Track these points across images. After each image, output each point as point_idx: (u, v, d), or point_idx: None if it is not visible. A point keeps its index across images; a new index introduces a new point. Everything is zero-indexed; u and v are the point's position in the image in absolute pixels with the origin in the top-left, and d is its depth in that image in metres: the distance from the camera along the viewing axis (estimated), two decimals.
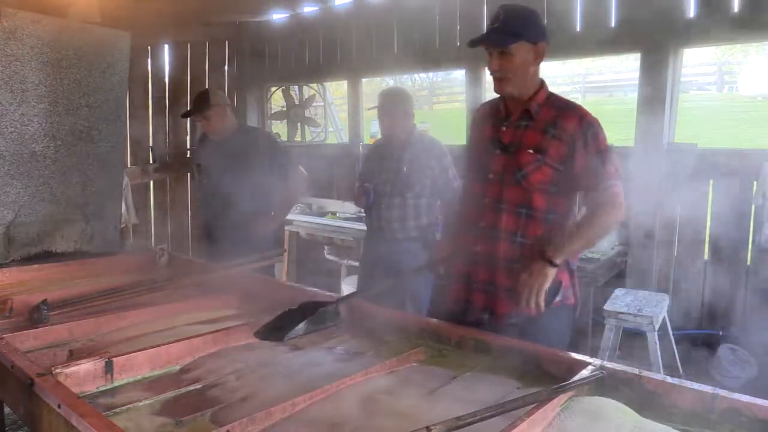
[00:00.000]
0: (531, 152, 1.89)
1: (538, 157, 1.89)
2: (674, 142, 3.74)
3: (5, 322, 2.11)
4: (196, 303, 2.35)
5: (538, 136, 1.91)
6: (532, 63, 1.91)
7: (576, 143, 1.86)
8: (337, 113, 8.28)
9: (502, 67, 1.89)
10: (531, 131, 1.92)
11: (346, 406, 1.46)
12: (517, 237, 1.94)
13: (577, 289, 2.02)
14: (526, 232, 1.93)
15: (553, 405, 1.36)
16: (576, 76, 17.56)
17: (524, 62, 1.89)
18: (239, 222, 3.18)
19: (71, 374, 1.57)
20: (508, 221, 1.93)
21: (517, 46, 1.86)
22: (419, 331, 1.96)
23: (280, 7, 5.57)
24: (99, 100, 3.31)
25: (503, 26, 1.86)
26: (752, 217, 3.48)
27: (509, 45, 1.86)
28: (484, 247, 1.99)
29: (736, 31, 3.44)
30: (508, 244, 1.94)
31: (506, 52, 1.87)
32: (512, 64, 1.88)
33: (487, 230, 1.97)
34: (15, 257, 3.09)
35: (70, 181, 3.26)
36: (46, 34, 3.01)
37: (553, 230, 1.93)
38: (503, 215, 1.94)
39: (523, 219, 1.93)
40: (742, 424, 1.33)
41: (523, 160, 1.90)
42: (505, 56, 1.87)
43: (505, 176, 1.93)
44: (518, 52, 1.87)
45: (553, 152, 1.88)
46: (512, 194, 1.93)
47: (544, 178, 1.89)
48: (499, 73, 1.90)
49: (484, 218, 1.99)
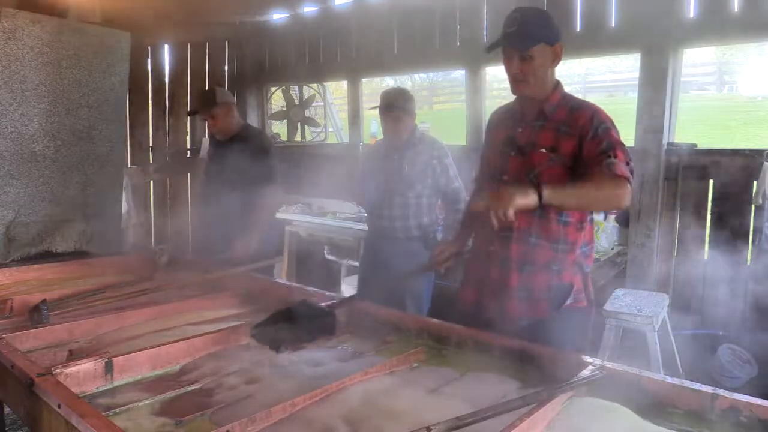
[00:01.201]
0: (544, 151, 1.89)
1: (551, 156, 1.88)
2: (674, 142, 3.74)
3: (5, 322, 2.11)
4: (196, 303, 2.34)
5: (551, 135, 1.90)
6: (550, 64, 1.93)
7: (585, 137, 1.84)
8: (337, 113, 8.28)
9: (523, 70, 1.89)
10: (545, 131, 1.92)
11: (346, 406, 1.46)
12: (531, 238, 1.93)
13: (590, 291, 2.00)
14: (540, 232, 1.92)
15: (553, 405, 1.36)
16: (576, 76, 17.55)
17: (543, 64, 1.90)
18: (233, 226, 3.16)
19: (71, 374, 1.57)
20: (522, 222, 1.91)
21: (537, 49, 1.87)
22: (419, 331, 1.96)
23: (280, 7, 5.57)
24: (99, 100, 3.31)
25: (522, 29, 1.87)
26: (752, 217, 3.48)
27: (530, 48, 1.87)
28: (497, 248, 1.98)
29: (736, 31, 3.44)
30: (522, 245, 1.93)
31: (526, 56, 1.88)
32: (532, 66, 1.89)
33: (500, 231, 1.93)
34: (15, 257, 3.10)
35: (70, 181, 3.27)
36: (46, 34, 3.01)
37: (568, 232, 1.93)
38: (520, 216, 1.87)
39: (536, 219, 1.91)
40: (742, 424, 1.33)
41: (536, 159, 1.90)
42: (526, 59, 1.88)
43: (520, 177, 1.92)
44: (538, 55, 1.88)
45: (565, 149, 1.87)
46: None
47: (556, 177, 1.86)
48: (520, 76, 1.91)
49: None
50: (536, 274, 1.93)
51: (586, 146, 1.84)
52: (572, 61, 15.81)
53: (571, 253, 1.94)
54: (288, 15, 5.75)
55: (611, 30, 3.84)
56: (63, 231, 3.28)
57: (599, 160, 1.78)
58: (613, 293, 3.41)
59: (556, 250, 1.93)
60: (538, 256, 1.93)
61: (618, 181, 1.74)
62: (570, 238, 1.93)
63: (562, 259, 1.93)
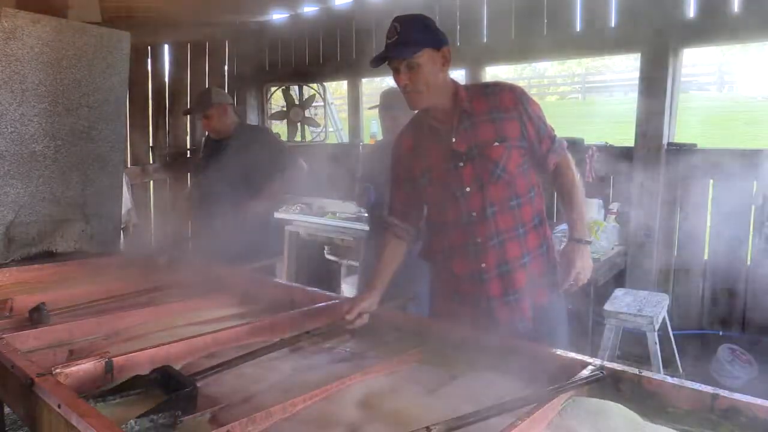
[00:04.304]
0: (497, 144, 1.86)
1: (505, 145, 1.86)
2: (674, 142, 3.74)
3: (5, 322, 2.10)
4: (196, 303, 2.34)
5: (488, 126, 1.87)
6: (440, 69, 1.85)
7: (522, 115, 1.86)
8: (337, 113, 8.28)
9: (412, 79, 1.82)
10: (480, 126, 1.88)
11: (346, 406, 1.46)
12: (519, 230, 1.91)
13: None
14: (523, 220, 1.92)
15: (553, 405, 1.36)
16: (576, 76, 17.58)
17: (433, 71, 1.83)
18: (237, 222, 3.17)
19: (71, 374, 1.57)
20: (506, 220, 1.90)
21: (423, 55, 1.80)
22: (419, 331, 1.96)
23: (280, 7, 5.57)
24: (99, 100, 3.31)
25: (403, 38, 1.80)
26: (752, 217, 3.48)
27: (415, 56, 1.79)
28: (491, 259, 1.91)
29: (736, 31, 3.44)
30: (514, 242, 1.91)
31: (413, 64, 1.81)
32: (421, 74, 1.81)
33: (486, 242, 1.90)
34: (15, 257, 3.09)
35: (70, 181, 3.26)
36: (46, 34, 3.01)
37: (538, 207, 1.96)
38: (498, 218, 1.89)
39: (516, 210, 1.91)
40: (742, 424, 1.33)
41: (495, 154, 1.86)
42: (413, 68, 1.81)
43: (484, 180, 1.87)
44: (425, 62, 1.81)
45: (510, 132, 1.86)
46: (498, 193, 1.88)
47: (518, 160, 1.88)
48: (411, 87, 1.84)
49: (479, 233, 1.91)
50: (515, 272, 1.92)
51: (528, 127, 1.87)
52: (572, 61, 15.84)
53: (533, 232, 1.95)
54: (288, 15, 5.75)
55: (611, 30, 3.84)
56: (63, 231, 3.28)
57: (548, 144, 1.91)
58: (613, 293, 3.41)
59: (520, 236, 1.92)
60: (510, 252, 1.91)
61: (570, 159, 1.96)
62: (525, 217, 1.93)
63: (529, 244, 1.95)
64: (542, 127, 1.90)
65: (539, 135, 1.90)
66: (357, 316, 1.91)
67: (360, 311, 1.91)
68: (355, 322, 1.91)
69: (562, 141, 1.96)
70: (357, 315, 1.91)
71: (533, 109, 1.89)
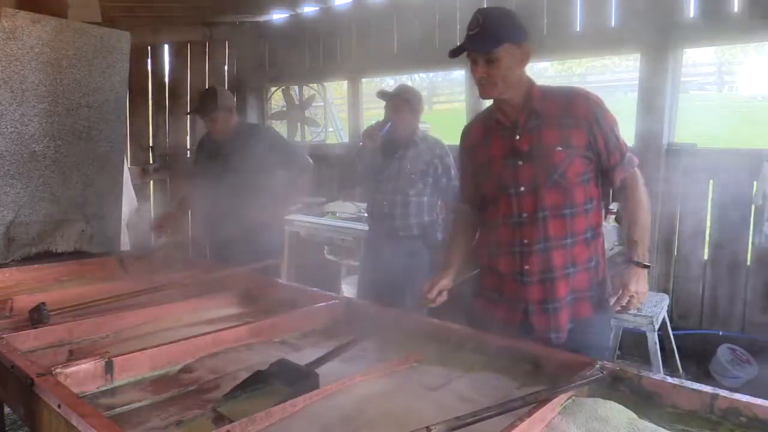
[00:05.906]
0: (560, 149, 1.82)
1: (568, 152, 1.82)
2: (674, 142, 3.74)
3: (5, 322, 2.10)
4: (196, 303, 2.34)
5: (555, 131, 1.84)
6: (518, 65, 1.84)
7: (592, 125, 1.83)
8: (337, 113, 8.28)
9: (489, 73, 1.81)
10: (546, 129, 1.85)
11: (346, 406, 1.46)
12: (567, 239, 1.86)
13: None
14: (573, 231, 1.86)
15: (553, 405, 1.36)
16: (576, 76, 17.55)
17: (511, 66, 1.81)
18: (241, 223, 3.18)
19: (71, 374, 1.57)
20: (556, 227, 1.84)
21: (503, 50, 1.78)
22: (419, 331, 1.96)
23: (280, 7, 5.57)
24: (99, 100, 3.30)
25: (485, 31, 1.78)
26: (752, 217, 3.48)
27: (495, 50, 1.78)
28: (535, 264, 1.87)
29: (736, 31, 3.44)
30: (560, 250, 1.85)
31: (492, 58, 1.79)
32: (499, 69, 1.80)
33: (533, 245, 1.86)
34: (15, 257, 3.09)
35: (70, 181, 3.26)
36: (46, 34, 3.01)
37: (593, 220, 1.90)
38: (549, 223, 1.85)
39: (568, 219, 1.85)
40: (742, 424, 1.33)
41: (555, 159, 1.82)
42: (492, 62, 1.80)
43: (539, 182, 1.84)
44: (505, 56, 1.79)
45: (576, 141, 1.82)
46: (553, 198, 1.84)
47: (579, 169, 1.83)
48: (486, 80, 1.83)
49: (527, 234, 1.86)
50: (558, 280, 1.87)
51: (598, 138, 1.83)
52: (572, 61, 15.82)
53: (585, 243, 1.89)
54: (288, 15, 5.75)
55: (611, 30, 3.84)
56: (63, 231, 3.28)
57: (618, 159, 1.88)
58: None
59: (566, 246, 1.86)
60: (555, 260, 1.85)
61: (640, 177, 1.92)
62: (577, 227, 1.87)
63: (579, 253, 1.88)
64: (613, 140, 1.86)
65: (608, 148, 1.85)
66: (437, 294, 1.96)
67: (440, 289, 1.97)
68: (436, 300, 1.97)
69: (632, 158, 1.91)
70: (437, 293, 1.96)
71: (605, 121, 1.84)
